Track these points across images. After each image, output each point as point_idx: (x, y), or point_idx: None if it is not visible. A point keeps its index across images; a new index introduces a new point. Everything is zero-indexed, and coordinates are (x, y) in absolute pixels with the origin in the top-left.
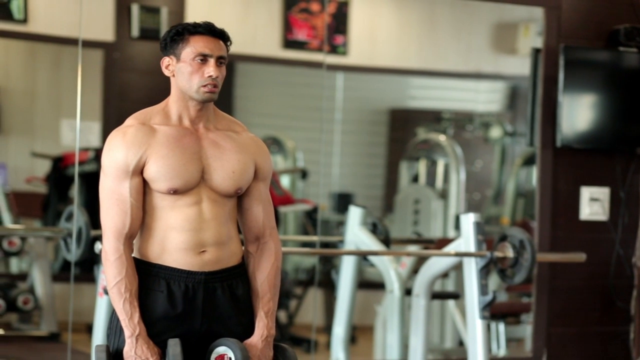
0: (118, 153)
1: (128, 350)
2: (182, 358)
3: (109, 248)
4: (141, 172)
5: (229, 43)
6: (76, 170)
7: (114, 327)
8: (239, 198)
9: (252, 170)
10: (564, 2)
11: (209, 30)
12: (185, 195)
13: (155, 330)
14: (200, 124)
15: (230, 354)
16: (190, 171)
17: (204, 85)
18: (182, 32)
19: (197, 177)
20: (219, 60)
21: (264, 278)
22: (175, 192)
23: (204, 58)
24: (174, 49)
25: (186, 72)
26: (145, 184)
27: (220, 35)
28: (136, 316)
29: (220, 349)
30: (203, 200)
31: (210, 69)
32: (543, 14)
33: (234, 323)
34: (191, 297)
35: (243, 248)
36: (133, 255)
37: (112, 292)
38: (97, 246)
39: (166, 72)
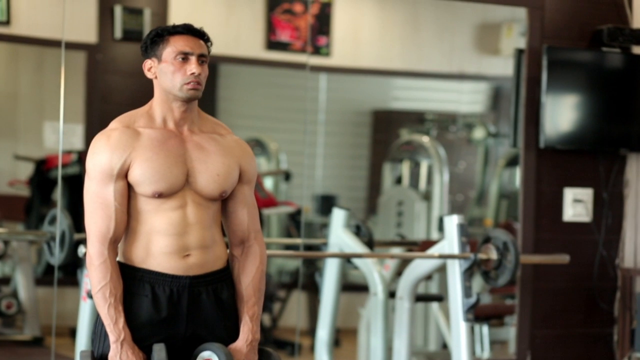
0: (102, 156)
1: (113, 355)
2: None
3: (94, 252)
4: (125, 176)
5: (209, 43)
6: (59, 173)
7: (98, 331)
8: (224, 201)
9: (237, 173)
10: (547, 3)
11: (188, 30)
12: (169, 198)
13: (140, 335)
14: (185, 126)
15: (215, 358)
16: (175, 174)
17: (187, 83)
18: (162, 33)
19: (181, 180)
20: (200, 58)
21: (249, 282)
22: (160, 195)
23: (185, 56)
24: (155, 50)
25: (168, 72)
26: (129, 187)
27: (200, 35)
28: (121, 321)
29: (205, 354)
30: (187, 204)
31: (192, 66)
32: (526, 14)
33: (219, 327)
34: (176, 302)
35: (228, 252)
36: (118, 259)
37: (97, 297)
38: (81, 250)
39: (149, 75)
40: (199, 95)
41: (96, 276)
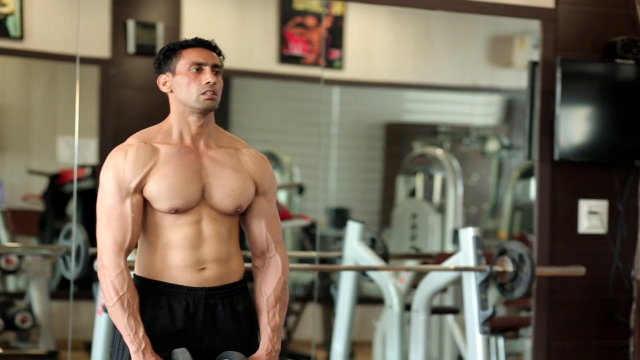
0: (120, 171)
1: None
2: None
3: (109, 264)
4: (141, 191)
5: (221, 56)
6: (75, 187)
7: (117, 344)
8: (242, 214)
9: (252, 187)
10: (560, 15)
11: (200, 42)
12: (185, 214)
13: (157, 347)
14: (202, 141)
15: None
16: (191, 190)
17: (203, 93)
18: (174, 47)
19: (197, 196)
20: (214, 68)
21: (271, 292)
22: (176, 211)
23: (199, 67)
24: (168, 65)
25: (184, 84)
26: (145, 202)
27: (211, 47)
28: (141, 331)
29: None
30: (203, 219)
31: (207, 76)
32: (540, 26)
33: (235, 339)
34: (192, 313)
35: (248, 264)
36: (134, 272)
37: (115, 308)
38: (97, 264)
39: (164, 89)
40: (216, 105)
41: (113, 287)
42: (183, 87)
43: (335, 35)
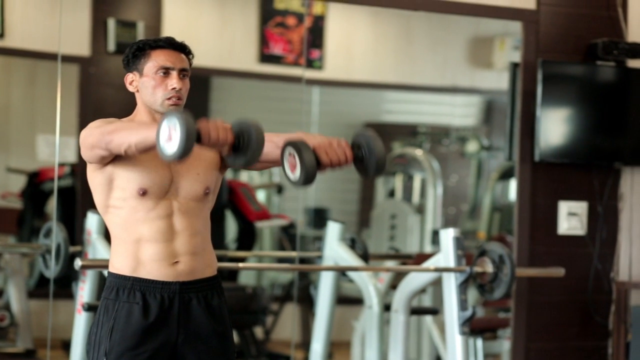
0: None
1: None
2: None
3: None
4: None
5: (190, 56)
6: (55, 185)
7: (92, 341)
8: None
9: (215, 158)
10: (541, 16)
11: (170, 44)
12: (156, 206)
13: (133, 343)
14: None
15: (293, 152)
16: (160, 174)
17: (168, 98)
18: (143, 47)
19: (166, 182)
20: (182, 72)
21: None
22: (144, 193)
23: (166, 71)
24: (137, 64)
25: (149, 86)
26: (118, 199)
27: (181, 49)
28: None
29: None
30: (174, 212)
31: (173, 81)
32: (521, 28)
33: (210, 334)
34: (167, 308)
35: (222, 264)
36: (108, 270)
37: (132, 136)
38: (77, 263)
39: (130, 88)
40: (180, 110)
41: (123, 131)
42: (149, 89)
43: (316, 35)
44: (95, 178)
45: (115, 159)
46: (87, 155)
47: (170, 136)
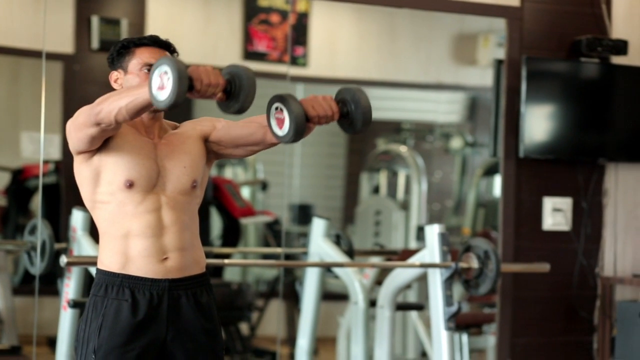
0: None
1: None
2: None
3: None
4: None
5: (175, 54)
6: (40, 182)
7: (81, 338)
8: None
9: (201, 150)
10: (525, 13)
11: (154, 42)
12: (144, 200)
13: (122, 340)
14: (154, 132)
15: (280, 105)
16: (146, 167)
17: None
18: (128, 45)
19: (153, 175)
20: None
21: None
22: (131, 185)
23: (150, 68)
24: (121, 62)
25: (134, 83)
26: (104, 193)
27: (166, 46)
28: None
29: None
30: (162, 207)
31: None
32: (505, 25)
33: (199, 331)
34: (156, 305)
35: (210, 260)
36: (97, 267)
37: (121, 99)
38: (62, 260)
39: (115, 86)
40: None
41: (115, 97)
42: None
43: (300, 33)
44: (82, 172)
45: (102, 147)
46: (76, 140)
47: (162, 84)
